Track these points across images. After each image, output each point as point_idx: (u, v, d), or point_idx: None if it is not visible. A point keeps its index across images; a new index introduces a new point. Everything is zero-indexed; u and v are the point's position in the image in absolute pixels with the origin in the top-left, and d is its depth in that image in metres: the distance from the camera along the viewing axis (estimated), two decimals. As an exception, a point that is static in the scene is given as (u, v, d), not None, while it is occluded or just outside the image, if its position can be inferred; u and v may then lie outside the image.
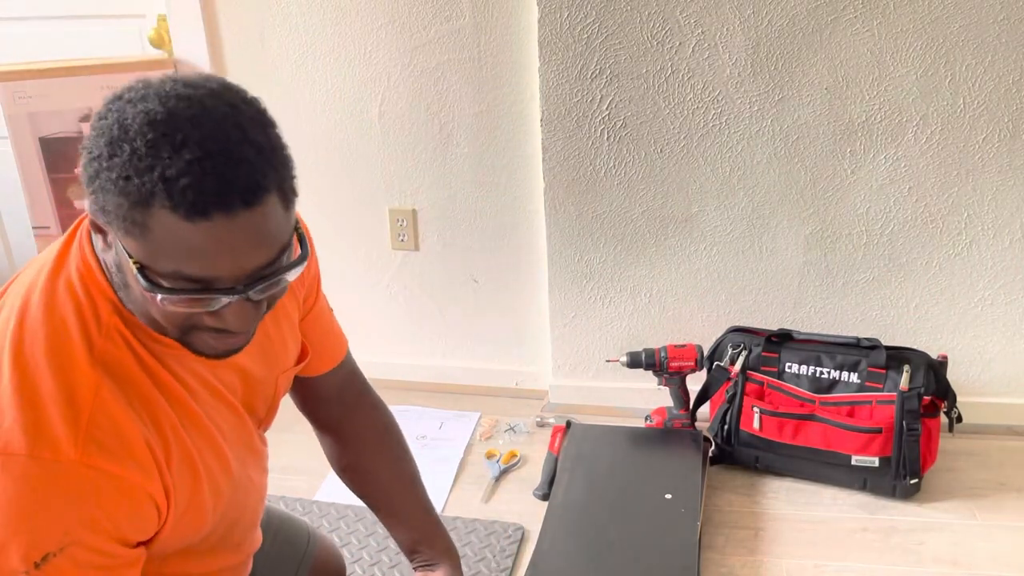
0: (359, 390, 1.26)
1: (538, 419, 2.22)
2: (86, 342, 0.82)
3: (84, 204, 0.79)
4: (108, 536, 0.80)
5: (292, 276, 0.82)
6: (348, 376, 1.23)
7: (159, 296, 0.76)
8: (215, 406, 0.94)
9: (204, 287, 0.76)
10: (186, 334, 0.83)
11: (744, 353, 1.97)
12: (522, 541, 1.80)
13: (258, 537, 1.14)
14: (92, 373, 0.81)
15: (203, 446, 0.91)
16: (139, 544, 0.86)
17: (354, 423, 1.23)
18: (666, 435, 2.05)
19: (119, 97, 0.75)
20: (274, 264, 0.79)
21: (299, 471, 1.96)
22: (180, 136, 0.71)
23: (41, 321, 0.82)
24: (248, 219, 0.74)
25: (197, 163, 0.71)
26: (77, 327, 0.82)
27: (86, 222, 0.86)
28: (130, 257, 0.75)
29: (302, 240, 0.84)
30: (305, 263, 0.83)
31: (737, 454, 1.98)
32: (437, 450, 2.11)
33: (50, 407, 0.78)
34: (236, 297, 0.78)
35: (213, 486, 0.93)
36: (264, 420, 1.08)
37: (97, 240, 0.83)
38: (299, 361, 1.11)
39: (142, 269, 0.75)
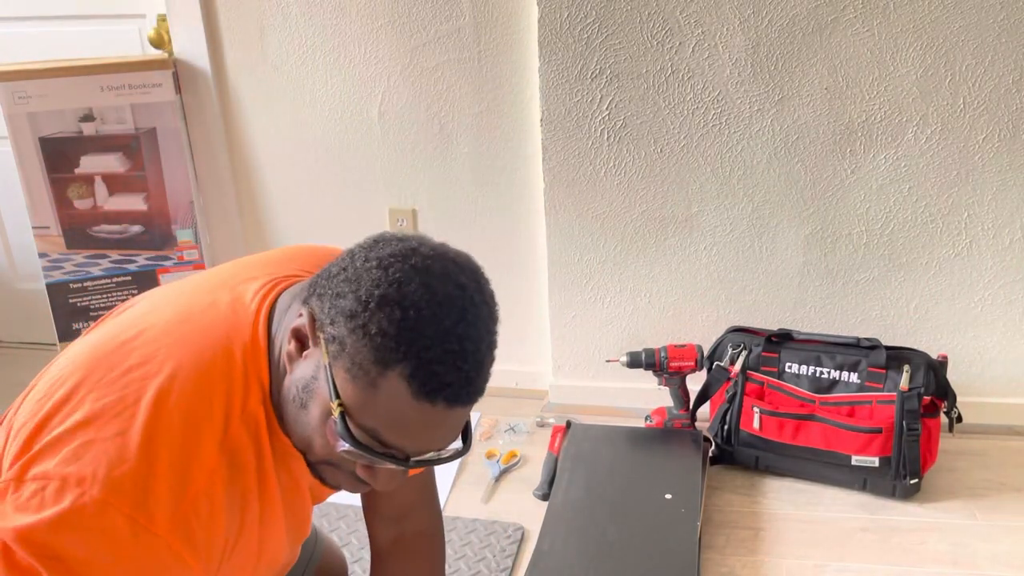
0: (422, 524, 1.19)
1: (538, 419, 2.22)
2: (224, 423, 0.82)
3: (302, 312, 0.81)
4: None
5: (450, 461, 0.85)
6: (417, 501, 1.17)
7: (343, 445, 0.78)
8: (295, 498, 0.94)
9: (386, 453, 0.79)
10: (324, 465, 0.85)
11: (744, 353, 1.97)
12: (522, 541, 1.80)
13: None
14: (215, 457, 0.81)
15: (268, 536, 0.91)
16: None
17: (401, 559, 1.17)
18: (666, 435, 2.05)
19: (406, 257, 0.79)
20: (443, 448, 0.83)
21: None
22: (448, 323, 0.76)
23: (192, 382, 0.82)
24: (458, 414, 0.79)
25: (452, 356, 0.76)
26: (222, 405, 0.82)
27: (283, 310, 0.86)
28: (337, 398, 0.77)
29: (467, 432, 0.87)
30: (465, 455, 0.87)
31: (737, 454, 1.98)
32: (437, 450, 2.11)
33: (165, 473, 0.78)
34: (401, 467, 0.80)
35: (256, 569, 0.92)
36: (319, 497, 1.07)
37: (289, 343, 0.82)
38: None
39: (344, 415, 0.77)
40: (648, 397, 2.16)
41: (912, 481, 1.84)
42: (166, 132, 2.18)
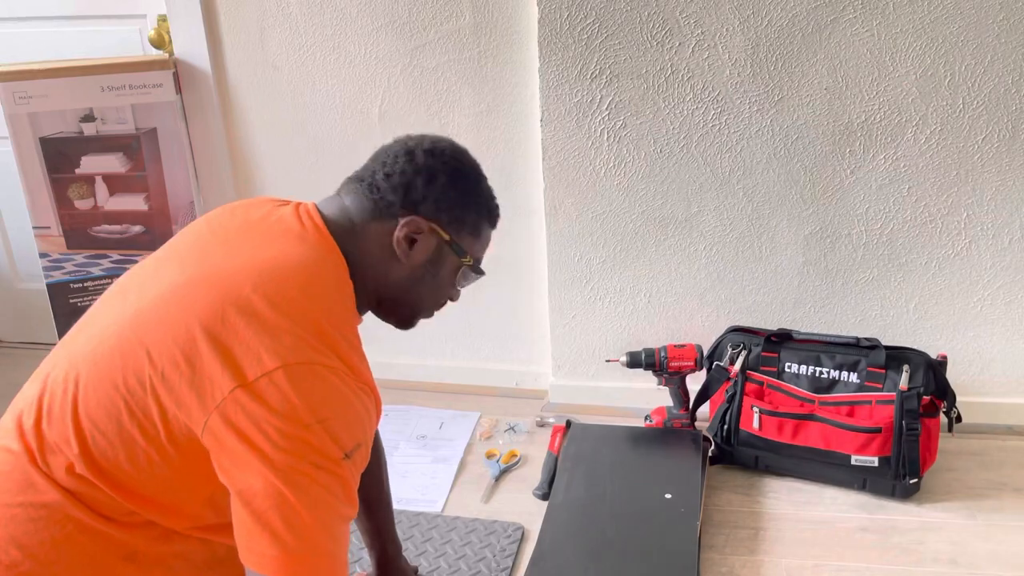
0: None
1: (538, 419, 2.22)
2: (348, 304, 1.09)
3: (403, 222, 1.12)
4: (369, 444, 1.03)
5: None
6: None
7: (470, 279, 1.19)
8: None
9: (481, 270, 1.21)
10: (435, 308, 1.23)
11: (744, 353, 1.97)
12: (522, 541, 1.80)
13: None
14: (354, 323, 1.11)
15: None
16: None
17: None
18: (666, 435, 2.05)
19: (447, 147, 1.17)
20: None
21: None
22: (486, 181, 1.20)
23: (334, 286, 1.07)
24: None
25: (495, 199, 1.21)
26: (344, 293, 1.10)
27: (347, 230, 1.13)
28: (465, 254, 1.16)
29: None
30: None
31: (737, 454, 1.98)
32: (437, 450, 2.11)
33: (353, 352, 1.04)
34: (483, 275, 1.22)
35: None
36: None
37: (398, 247, 1.12)
38: None
39: (472, 263, 1.18)
40: (648, 397, 2.16)
41: (911, 481, 1.84)
42: (166, 132, 2.19)
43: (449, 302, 1.24)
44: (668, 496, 1.79)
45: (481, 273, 1.20)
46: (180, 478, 0.99)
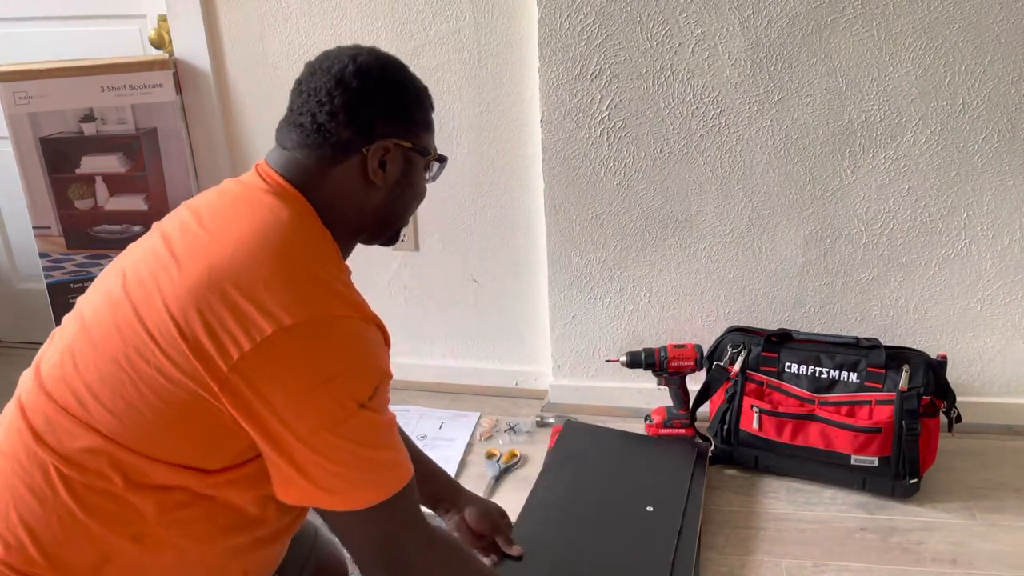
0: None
1: (538, 419, 2.22)
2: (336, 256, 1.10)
3: (371, 151, 1.10)
4: (388, 378, 1.04)
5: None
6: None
7: (439, 170, 1.21)
8: None
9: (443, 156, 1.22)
10: (413, 213, 1.22)
11: (744, 353, 1.97)
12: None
13: None
14: (346, 273, 1.10)
15: None
16: None
17: None
18: (665, 443, 2.01)
19: (370, 62, 1.14)
20: None
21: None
22: (408, 69, 1.21)
23: (320, 238, 1.07)
24: None
25: (421, 82, 1.21)
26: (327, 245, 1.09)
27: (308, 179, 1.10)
28: (429, 153, 1.17)
29: None
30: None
31: (737, 454, 1.98)
32: (437, 450, 2.11)
33: (353, 293, 1.05)
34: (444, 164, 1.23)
35: None
36: None
37: (374, 174, 1.10)
38: None
39: (439, 157, 1.19)
40: (648, 397, 2.16)
41: (911, 481, 1.84)
42: (167, 132, 2.19)
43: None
44: (649, 509, 1.73)
45: (445, 159, 1.22)
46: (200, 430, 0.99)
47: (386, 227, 1.19)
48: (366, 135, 1.09)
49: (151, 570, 1.00)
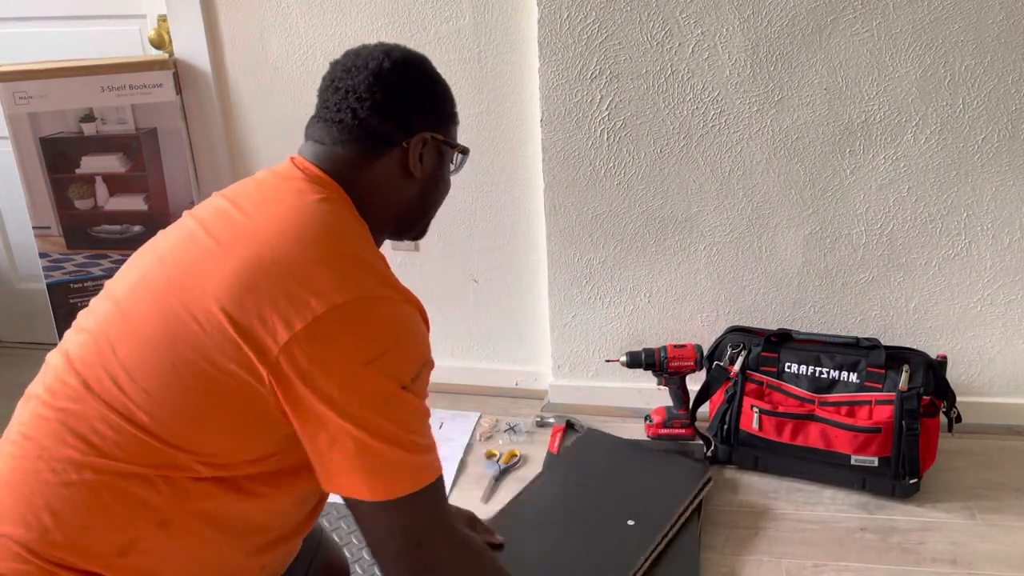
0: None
1: (538, 419, 2.22)
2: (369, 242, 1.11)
3: (412, 143, 1.13)
4: (430, 366, 1.08)
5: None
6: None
7: (463, 162, 1.23)
8: None
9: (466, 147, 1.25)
10: (438, 207, 1.24)
11: (744, 353, 1.97)
12: (522, 541, 1.80)
13: None
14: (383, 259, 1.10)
15: None
16: None
17: None
18: (676, 463, 1.94)
19: (404, 58, 1.15)
20: None
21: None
22: (431, 62, 1.21)
23: (359, 229, 1.09)
24: None
25: (444, 79, 1.22)
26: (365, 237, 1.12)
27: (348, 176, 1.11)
28: (456, 144, 1.21)
29: None
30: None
31: (736, 454, 1.98)
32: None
33: (394, 277, 1.08)
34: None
35: None
36: None
37: (415, 168, 1.13)
38: None
39: (464, 149, 1.23)
40: (648, 397, 2.16)
41: (911, 481, 1.84)
42: (167, 132, 2.19)
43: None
44: (630, 523, 1.69)
45: (468, 152, 1.25)
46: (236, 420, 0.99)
47: (419, 219, 1.23)
48: (406, 129, 1.12)
49: (175, 557, 1.00)
